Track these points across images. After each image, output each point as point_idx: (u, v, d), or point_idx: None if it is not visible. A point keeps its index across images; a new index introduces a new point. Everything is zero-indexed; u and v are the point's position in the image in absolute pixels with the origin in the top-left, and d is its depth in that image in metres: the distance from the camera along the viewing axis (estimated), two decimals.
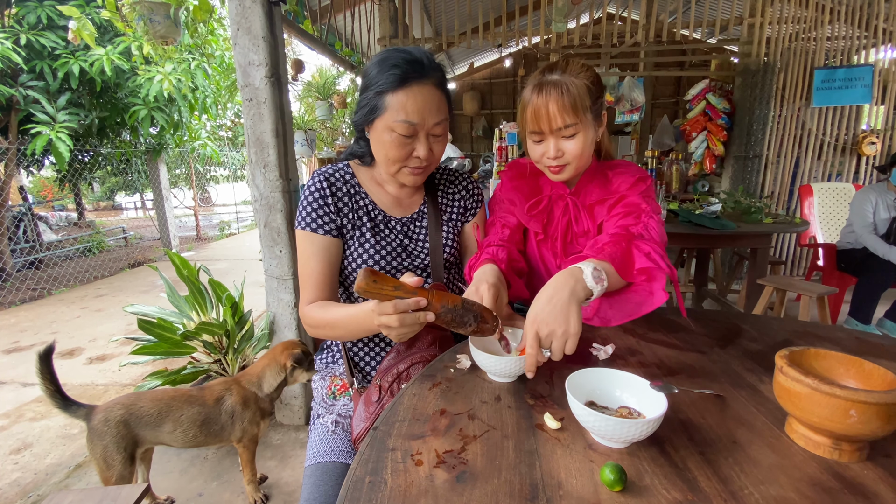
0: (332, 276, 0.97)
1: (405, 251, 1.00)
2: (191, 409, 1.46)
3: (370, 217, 1.00)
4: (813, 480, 0.54)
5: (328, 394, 1.06)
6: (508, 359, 0.74)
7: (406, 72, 0.85)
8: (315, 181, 0.98)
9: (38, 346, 1.28)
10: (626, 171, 1.02)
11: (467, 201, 1.10)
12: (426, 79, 0.87)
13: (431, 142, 0.91)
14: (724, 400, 0.71)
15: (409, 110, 0.86)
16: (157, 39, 2.28)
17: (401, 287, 0.70)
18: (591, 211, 1.02)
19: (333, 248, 0.97)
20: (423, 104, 0.87)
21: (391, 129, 0.88)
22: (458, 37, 3.76)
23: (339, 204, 0.98)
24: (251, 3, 1.73)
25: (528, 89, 0.95)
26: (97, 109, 4.71)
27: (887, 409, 0.52)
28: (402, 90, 0.86)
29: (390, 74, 0.85)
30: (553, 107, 0.90)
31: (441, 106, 0.90)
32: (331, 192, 0.97)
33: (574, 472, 0.55)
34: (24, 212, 6.08)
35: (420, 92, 0.86)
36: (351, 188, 1.00)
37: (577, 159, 0.95)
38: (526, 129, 0.98)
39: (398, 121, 0.86)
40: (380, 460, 0.58)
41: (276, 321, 2.02)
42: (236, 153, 9.64)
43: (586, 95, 0.91)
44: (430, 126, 0.89)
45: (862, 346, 0.89)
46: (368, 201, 1.01)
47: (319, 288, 0.95)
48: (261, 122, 1.83)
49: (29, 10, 3.93)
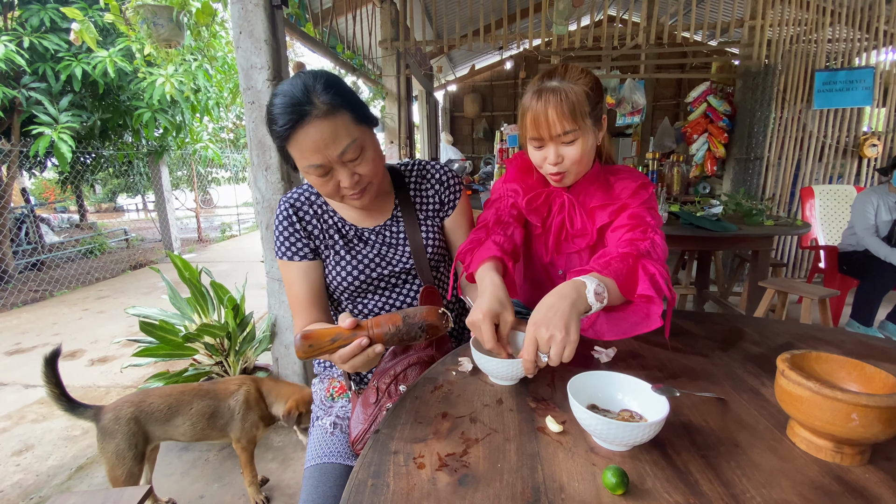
0: (319, 296, 0.99)
1: (384, 260, 0.99)
2: (201, 402, 1.49)
3: (341, 234, 0.99)
4: (815, 484, 0.54)
5: (327, 396, 1.07)
6: (509, 361, 0.74)
7: (287, 120, 0.80)
8: (281, 210, 0.98)
9: (40, 347, 1.29)
10: (629, 177, 1.03)
11: (442, 194, 1.06)
12: (308, 116, 0.80)
13: (352, 167, 0.85)
14: (726, 403, 0.71)
15: (306, 154, 0.82)
16: (161, 43, 2.30)
17: (338, 337, 0.72)
18: (591, 214, 1.02)
19: (313, 270, 0.98)
20: (316, 141, 0.81)
21: (307, 173, 0.86)
22: (459, 39, 3.78)
23: (309, 227, 0.98)
24: (253, 7, 1.74)
25: (527, 95, 0.95)
26: (99, 111, 4.72)
27: (889, 413, 0.52)
28: (291, 138, 0.81)
29: (277, 128, 0.82)
30: (552, 113, 0.90)
31: (339, 133, 0.82)
32: (297, 217, 0.97)
33: (576, 476, 0.55)
34: (27, 213, 6.09)
35: (307, 133, 0.80)
36: (318, 209, 0.99)
37: (577, 165, 0.95)
38: (526, 134, 0.98)
39: (305, 167, 0.84)
40: (382, 463, 0.58)
41: (278, 323, 2.03)
42: (238, 155, 9.67)
43: (585, 101, 0.90)
44: (335, 158, 0.82)
45: (864, 349, 0.89)
46: (337, 218, 1.00)
47: (307, 311, 0.96)
48: (263, 125, 1.84)
49: (32, 13, 3.95)
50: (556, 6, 3.56)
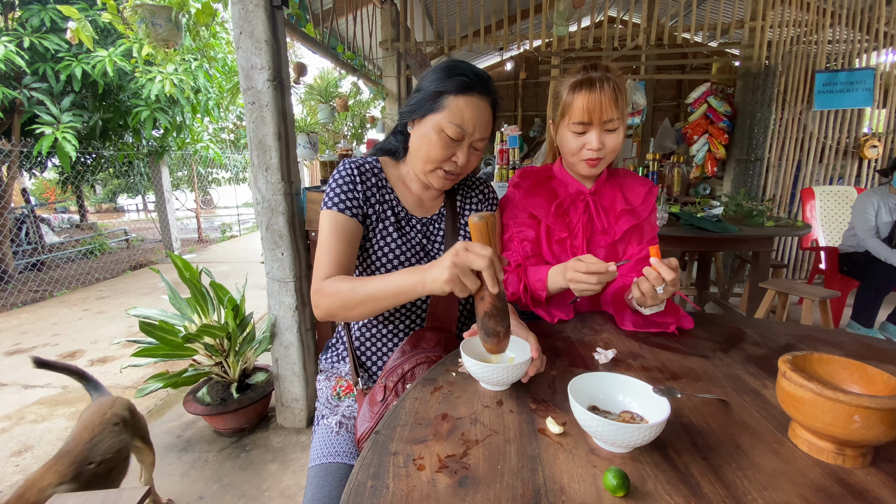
0: (351, 257, 0.94)
1: (423, 250, 1.02)
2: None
3: (394, 212, 1.00)
4: (816, 486, 0.53)
5: (333, 395, 1.06)
6: (501, 366, 0.71)
7: (472, 82, 0.90)
8: (346, 167, 0.99)
9: (40, 347, 1.28)
10: (636, 182, 1.14)
11: (483, 205, 1.12)
12: (486, 95, 0.92)
13: (471, 153, 0.95)
14: (728, 405, 0.70)
15: (465, 116, 0.90)
16: (159, 43, 2.30)
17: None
18: (618, 216, 1.11)
19: (356, 231, 0.95)
20: (477, 115, 0.91)
21: (441, 129, 0.90)
22: (459, 40, 3.78)
23: (367, 193, 0.98)
24: (254, 8, 1.74)
25: (572, 82, 1.01)
26: (100, 111, 4.73)
27: (891, 415, 0.52)
28: (463, 96, 0.89)
29: (457, 79, 0.89)
30: (605, 99, 0.98)
31: (489, 123, 0.95)
32: (360, 179, 0.98)
33: (577, 478, 0.55)
34: (27, 214, 6.09)
35: (479, 104, 0.91)
36: (378, 181, 1.01)
37: (612, 153, 1.03)
38: (569, 120, 1.03)
39: (452, 123, 0.89)
40: (382, 465, 0.58)
41: (278, 324, 2.03)
42: (238, 155, 9.68)
43: (624, 95, 1.00)
44: (475, 138, 0.93)
45: (865, 350, 0.89)
46: (393, 197, 1.01)
47: (339, 264, 0.91)
48: (263, 126, 1.83)
49: (32, 13, 3.96)
50: (557, 7, 3.56)
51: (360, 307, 0.82)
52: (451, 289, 0.69)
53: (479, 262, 0.67)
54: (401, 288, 0.77)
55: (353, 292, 0.82)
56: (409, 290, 0.76)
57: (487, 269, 0.67)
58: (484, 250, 0.67)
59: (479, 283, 0.69)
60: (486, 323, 0.72)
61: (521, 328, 0.83)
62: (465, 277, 0.68)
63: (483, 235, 0.71)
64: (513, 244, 1.12)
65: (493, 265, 0.67)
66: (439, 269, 0.70)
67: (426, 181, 0.99)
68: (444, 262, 0.69)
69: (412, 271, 0.76)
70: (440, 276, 0.69)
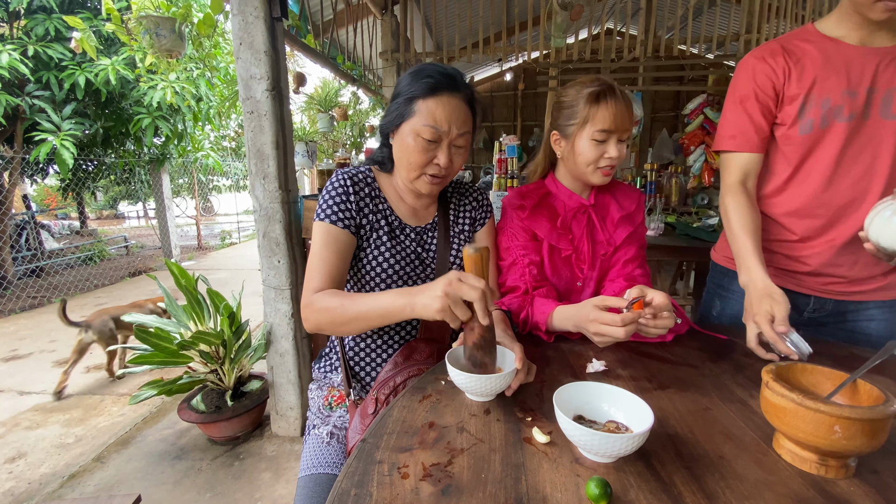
0: (342, 270, 0.94)
1: (418, 258, 1.02)
2: None
3: (387, 222, 1.01)
4: (798, 497, 0.53)
5: (325, 405, 1.06)
6: (485, 377, 0.71)
7: (438, 82, 0.90)
8: (339, 178, 0.99)
9: (37, 354, 1.29)
10: (626, 189, 1.18)
11: (476, 212, 1.12)
12: (456, 92, 0.92)
13: (452, 152, 0.94)
14: (713, 413, 0.71)
15: (436, 117, 0.90)
16: (163, 53, 2.33)
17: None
18: (616, 225, 1.13)
19: (349, 243, 0.96)
20: (450, 113, 0.91)
21: (417, 134, 0.91)
22: (458, 51, 3.81)
23: (361, 204, 0.98)
24: (254, 19, 1.76)
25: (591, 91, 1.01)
26: (102, 119, 4.76)
27: (871, 426, 0.52)
28: (431, 98, 0.90)
29: (423, 83, 0.90)
30: (627, 110, 1.01)
31: (466, 119, 0.94)
32: (353, 190, 0.98)
33: (559, 487, 0.55)
34: (27, 220, 6.11)
35: (449, 101, 0.91)
36: (371, 191, 1.01)
37: (620, 163, 1.07)
38: (591, 128, 1.02)
39: (426, 125, 0.90)
40: (366, 473, 0.58)
41: (273, 331, 2.03)
42: (239, 163, 9.72)
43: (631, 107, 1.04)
44: (453, 136, 0.92)
45: (856, 361, 0.89)
46: (386, 206, 1.02)
47: (330, 277, 0.91)
48: (261, 134, 1.85)
49: (37, 23, 4.01)
50: (555, 20, 3.60)
51: (349, 325, 0.83)
52: (441, 318, 0.70)
53: (471, 293, 0.68)
54: (389, 309, 0.77)
55: (343, 309, 0.82)
56: (398, 312, 0.76)
57: (479, 300, 0.68)
58: (477, 282, 0.68)
59: (470, 313, 0.70)
60: (474, 354, 0.73)
61: (507, 338, 0.83)
62: (457, 308, 0.69)
63: (477, 267, 0.72)
64: (518, 268, 1.09)
65: (485, 298, 0.68)
66: (431, 297, 0.70)
67: (413, 188, 0.99)
68: (436, 291, 0.69)
69: (402, 293, 0.76)
70: (432, 304, 0.70)
